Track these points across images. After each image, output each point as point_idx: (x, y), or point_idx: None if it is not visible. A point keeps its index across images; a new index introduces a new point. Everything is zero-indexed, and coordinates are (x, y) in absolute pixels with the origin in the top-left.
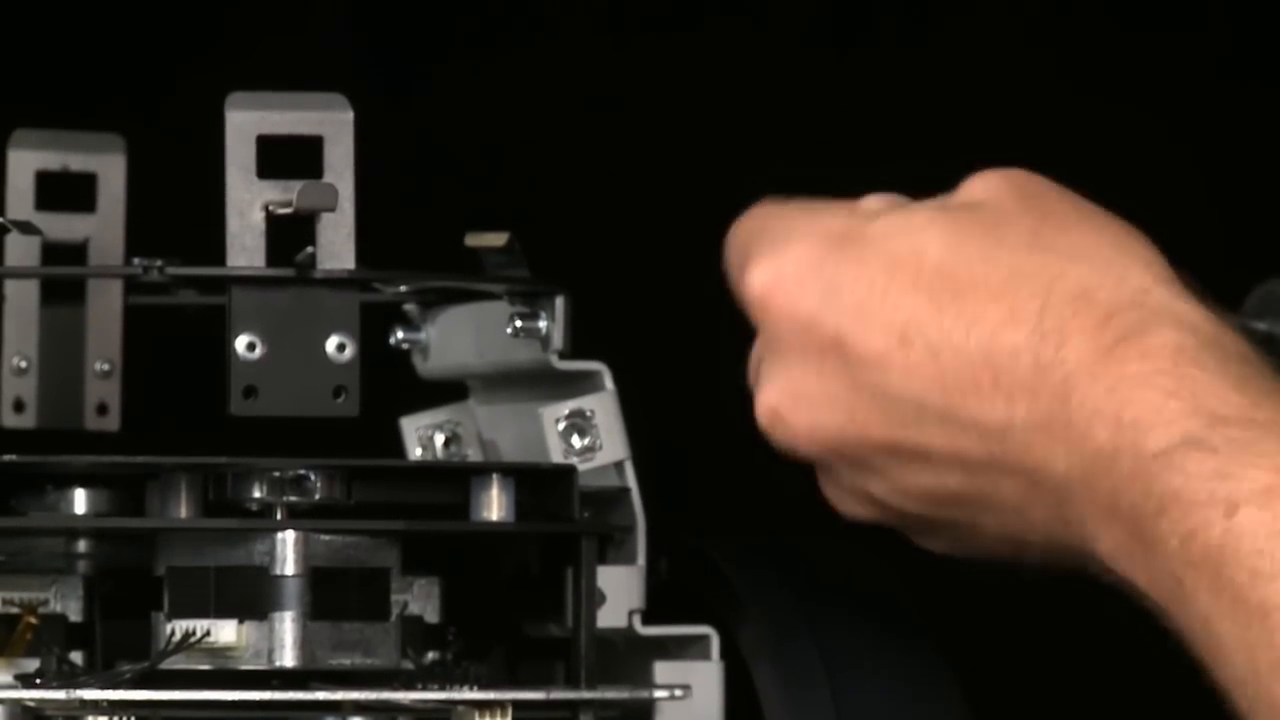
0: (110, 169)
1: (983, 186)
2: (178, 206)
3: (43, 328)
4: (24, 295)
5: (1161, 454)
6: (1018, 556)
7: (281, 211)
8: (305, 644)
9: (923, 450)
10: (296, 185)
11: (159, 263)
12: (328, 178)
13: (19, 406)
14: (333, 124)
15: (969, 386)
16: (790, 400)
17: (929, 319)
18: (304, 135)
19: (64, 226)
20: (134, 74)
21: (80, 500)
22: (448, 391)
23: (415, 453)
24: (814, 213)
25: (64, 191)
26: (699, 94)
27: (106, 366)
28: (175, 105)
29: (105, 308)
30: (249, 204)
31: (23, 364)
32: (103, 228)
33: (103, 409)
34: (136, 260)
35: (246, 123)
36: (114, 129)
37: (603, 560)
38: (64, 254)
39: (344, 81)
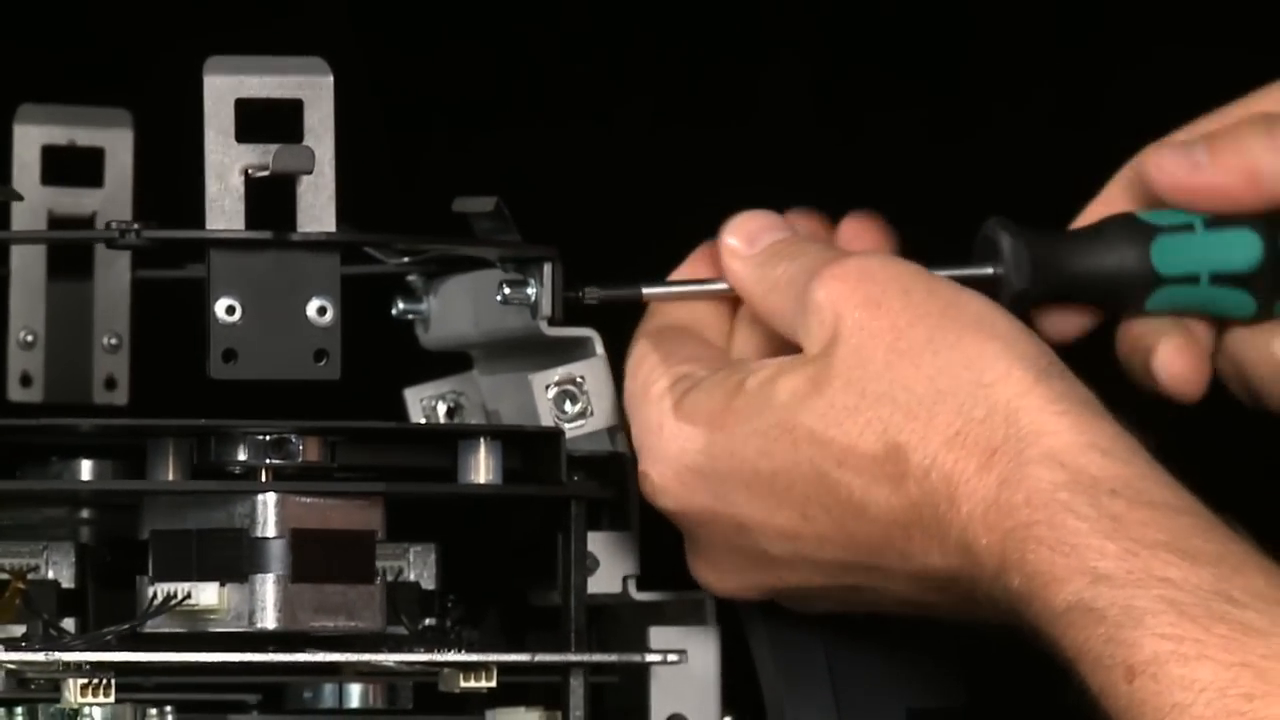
0: (118, 143)
1: (826, 303)
2: (189, 180)
3: (50, 301)
4: (31, 268)
5: (1062, 613)
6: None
7: (260, 175)
8: (286, 606)
9: (862, 588)
10: (275, 149)
11: (135, 226)
12: (307, 141)
13: (26, 380)
14: (312, 87)
15: (883, 545)
16: (716, 572)
17: (823, 493)
18: (283, 99)
19: (71, 201)
20: (135, 47)
21: (85, 470)
22: (459, 363)
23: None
24: (680, 394)
25: (71, 166)
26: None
27: (114, 340)
28: (178, 77)
29: (113, 281)
30: (228, 167)
31: (29, 338)
32: (110, 202)
33: (111, 383)
34: (113, 223)
35: (225, 86)
36: (122, 103)
37: (597, 526)
38: (72, 229)
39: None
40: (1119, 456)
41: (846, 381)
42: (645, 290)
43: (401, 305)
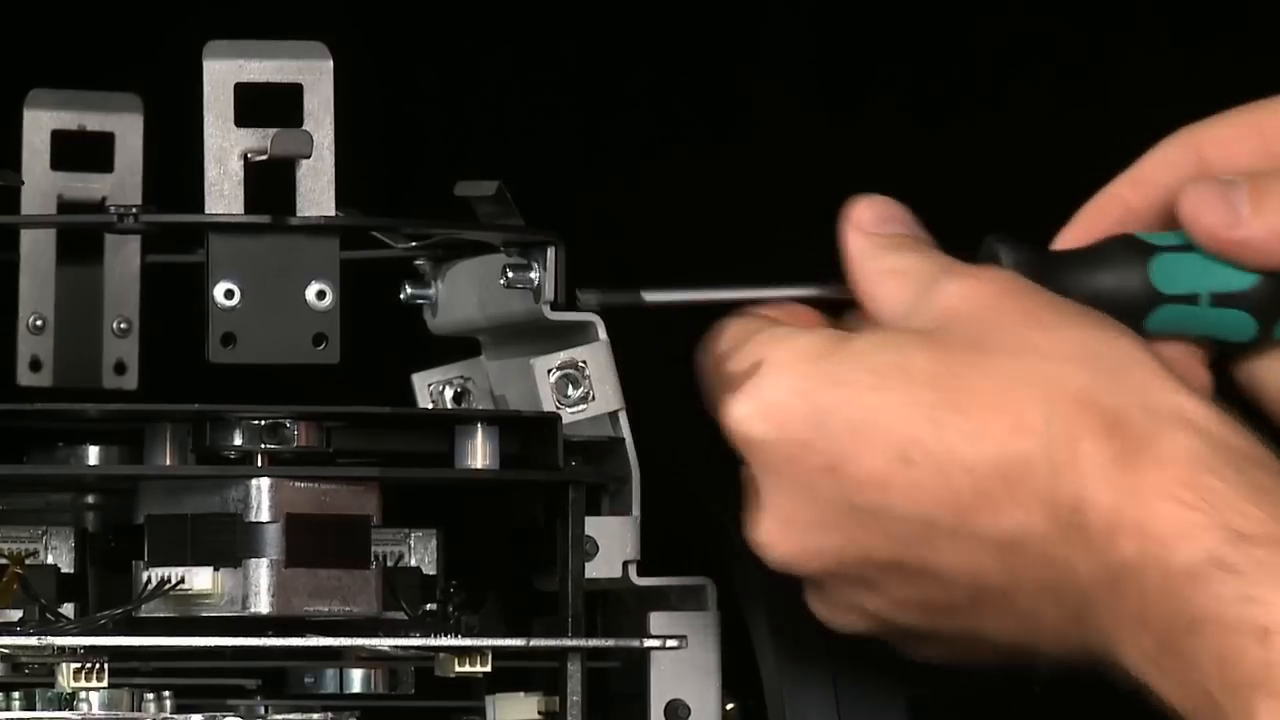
0: (127, 128)
1: (957, 294)
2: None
3: (60, 286)
4: (41, 253)
5: (1188, 572)
6: (1020, 660)
7: (259, 159)
8: (280, 591)
9: (930, 567)
10: (274, 133)
11: (134, 209)
12: (307, 125)
13: (36, 365)
14: (312, 72)
15: (981, 501)
16: (783, 528)
17: (930, 435)
18: (283, 83)
19: (81, 186)
20: (144, 30)
21: (91, 456)
22: (469, 348)
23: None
24: (785, 336)
25: (81, 151)
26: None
27: (124, 325)
28: (188, 59)
29: (123, 265)
30: (227, 152)
31: (39, 322)
32: (120, 187)
33: (120, 367)
34: (113, 207)
35: (224, 71)
36: (132, 87)
37: (597, 511)
38: (82, 213)
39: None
40: (1254, 439)
41: (971, 337)
42: (648, 297)
43: (409, 290)
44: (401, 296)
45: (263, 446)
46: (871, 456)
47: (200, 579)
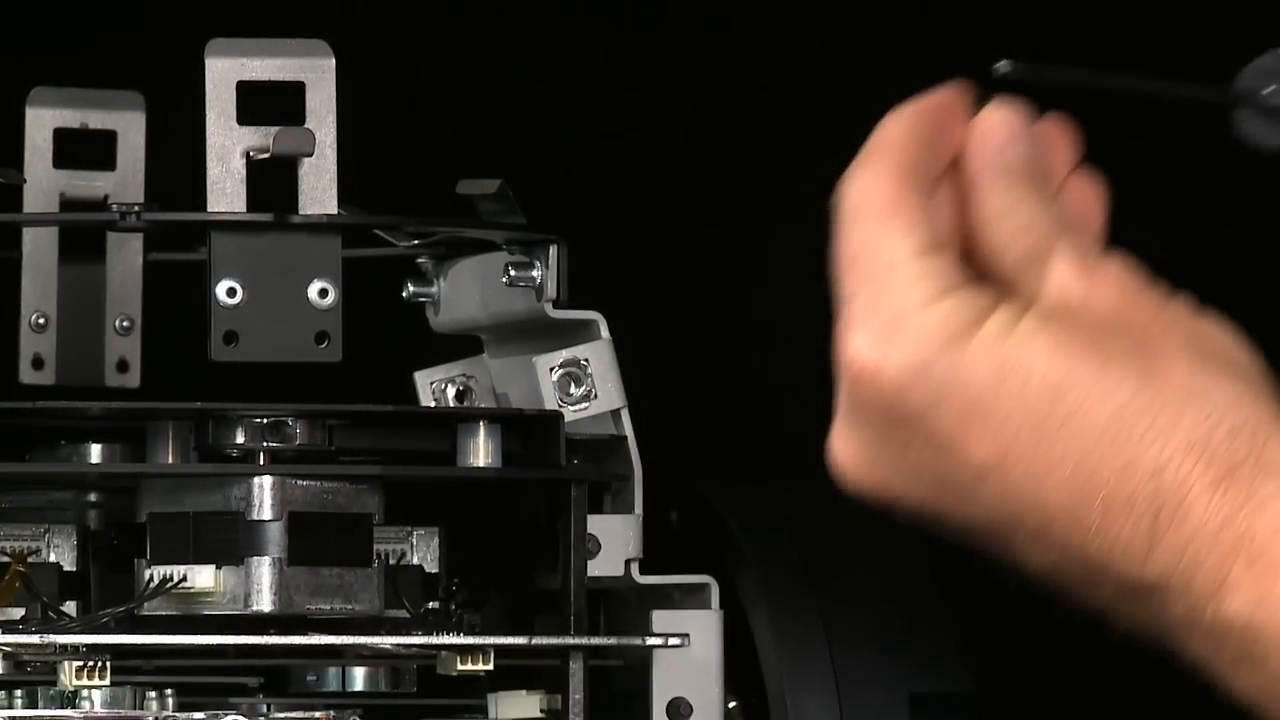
0: (130, 126)
1: (1081, 287)
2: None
3: (62, 284)
4: (43, 251)
5: None
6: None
7: (261, 157)
8: (282, 589)
9: (1009, 544)
10: (276, 131)
11: (136, 208)
12: (309, 123)
13: (38, 363)
14: (314, 70)
15: (1075, 520)
16: (868, 463)
17: (1034, 444)
18: (285, 81)
19: (84, 184)
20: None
21: (94, 454)
22: (473, 346)
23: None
24: (927, 298)
25: (84, 149)
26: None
27: (127, 323)
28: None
29: (125, 263)
30: (229, 150)
31: (41, 320)
32: (122, 185)
33: (123, 366)
34: (115, 206)
35: (226, 69)
36: (135, 84)
37: (600, 509)
38: (84, 211)
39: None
40: None
41: (1093, 342)
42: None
43: (412, 288)
44: (404, 295)
45: (265, 445)
46: (974, 449)
47: (202, 577)
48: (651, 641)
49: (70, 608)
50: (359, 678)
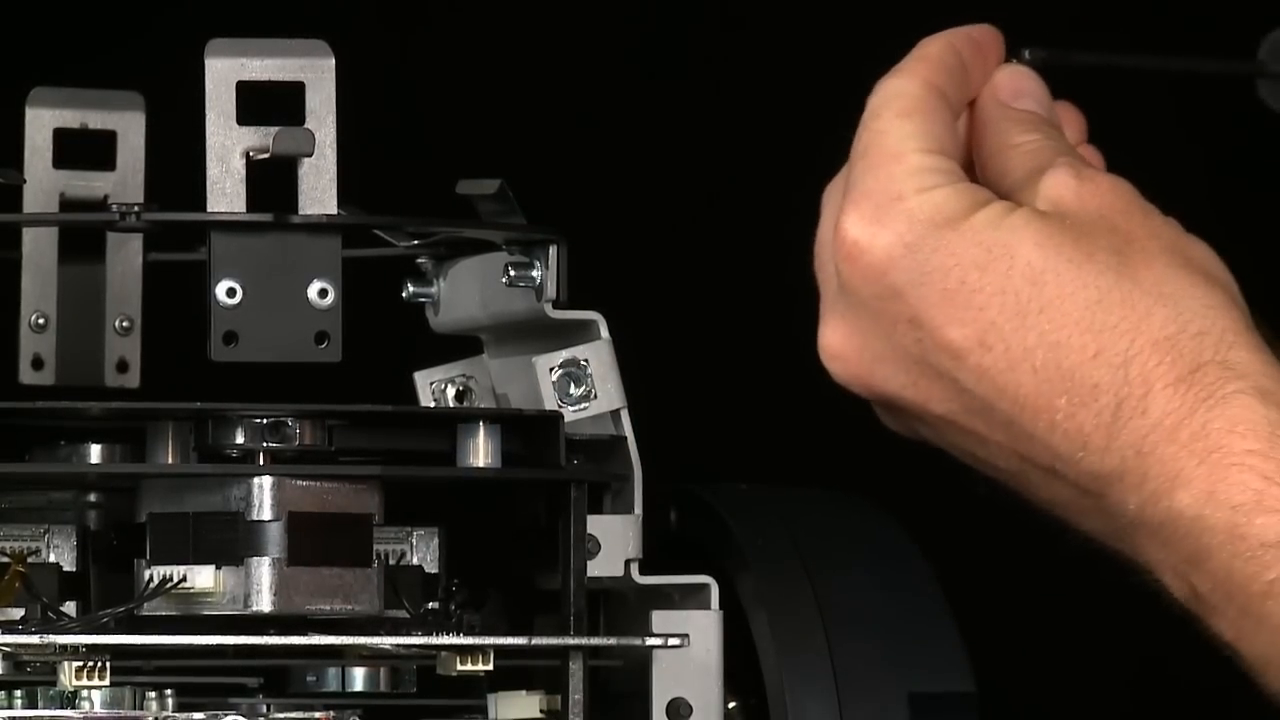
0: (129, 126)
1: (1074, 193)
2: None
3: (62, 284)
4: (43, 252)
5: (1266, 543)
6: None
7: (261, 157)
8: (282, 589)
9: (981, 437)
10: (276, 131)
11: (135, 208)
12: (309, 124)
13: (38, 364)
14: (314, 70)
15: (1042, 407)
16: (855, 348)
17: (1012, 329)
18: (285, 81)
19: (83, 184)
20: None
21: (93, 454)
22: (473, 347)
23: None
24: (923, 186)
25: (83, 149)
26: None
27: (126, 323)
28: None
29: (125, 263)
30: (229, 150)
31: (41, 321)
32: (122, 185)
33: (123, 366)
34: (115, 206)
35: (226, 69)
36: (134, 86)
37: (599, 509)
38: (84, 211)
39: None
40: None
41: (1076, 239)
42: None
43: (411, 288)
44: (403, 295)
45: (264, 445)
46: (954, 329)
47: (202, 577)
48: (651, 642)
49: (70, 608)
50: (359, 678)
